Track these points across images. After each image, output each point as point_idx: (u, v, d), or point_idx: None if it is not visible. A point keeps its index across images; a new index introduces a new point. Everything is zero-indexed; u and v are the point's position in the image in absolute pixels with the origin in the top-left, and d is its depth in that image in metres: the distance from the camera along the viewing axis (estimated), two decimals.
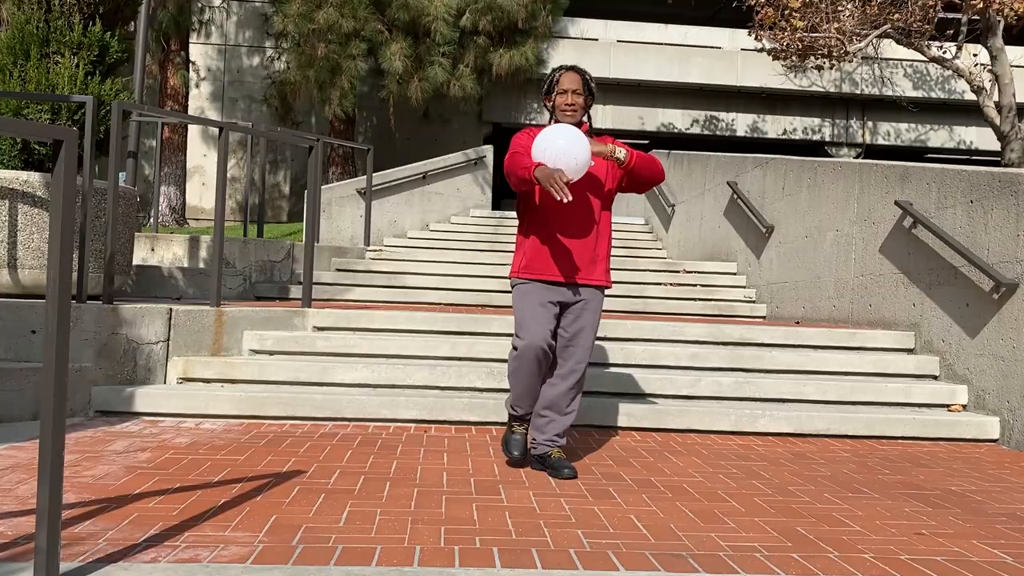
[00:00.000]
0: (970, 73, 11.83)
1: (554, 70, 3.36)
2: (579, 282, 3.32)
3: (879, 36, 12.32)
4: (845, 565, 2.29)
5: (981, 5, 11.25)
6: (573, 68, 3.34)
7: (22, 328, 4.28)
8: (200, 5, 15.57)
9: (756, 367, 5.05)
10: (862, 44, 12.30)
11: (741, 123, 18.17)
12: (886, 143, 18.31)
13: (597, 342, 5.14)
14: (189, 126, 16.05)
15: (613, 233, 11.50)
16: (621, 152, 3.18)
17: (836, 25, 12.27)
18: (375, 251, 8.73)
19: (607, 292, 7.95)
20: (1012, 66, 12.26)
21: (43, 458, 1.87)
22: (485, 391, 4.66)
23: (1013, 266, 4.40)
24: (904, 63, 17.62)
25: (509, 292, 7.59)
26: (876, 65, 17.59)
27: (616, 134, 18.70)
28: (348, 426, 4.20)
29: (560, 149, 3.00)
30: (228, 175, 14.04)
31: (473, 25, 13.87)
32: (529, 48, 14.37)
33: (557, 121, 3.33)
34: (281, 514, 2.58)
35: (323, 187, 10.59)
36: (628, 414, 4.36)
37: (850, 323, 6.13)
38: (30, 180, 4.68)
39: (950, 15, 15.01)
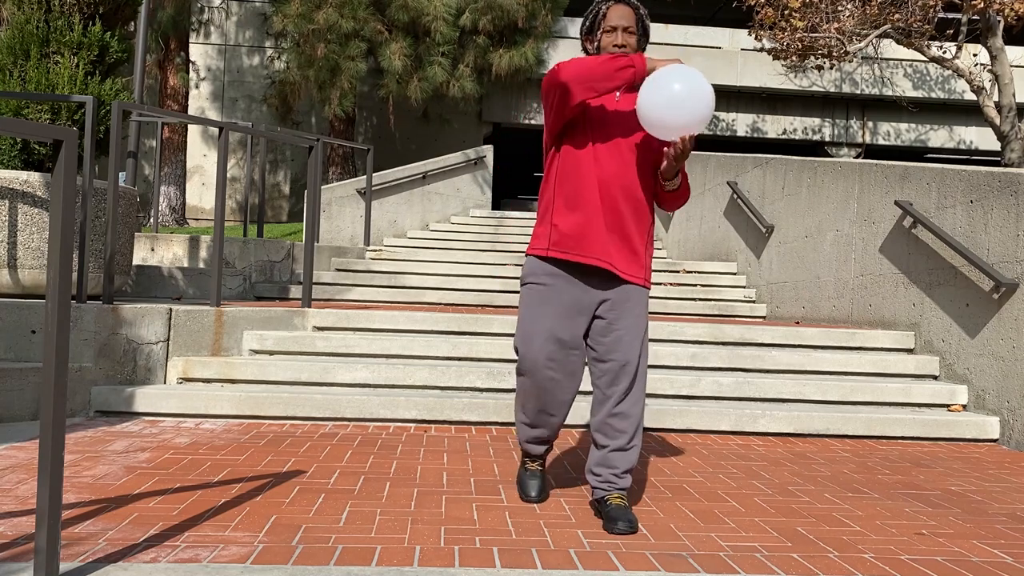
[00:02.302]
0: (970, 73, 11.83)
1: (597, 2, 2.67)
2: (621, 276, 2.60)
3: (879, 36, 12.32)
4: (845, 565, 2.29)
5: (981, 5, 11.25)
6: (623, 0, 2.62)
7: (22, 328, 4.28)
8: (200, 5, 15.57)
9: (756, 367, 5.05)
10: (862, 44, 12.30)
11: (741, 123, 18.18)
12: (886, 143, 18.32)
13: None
14: (189, 126, 16.05)
15: None
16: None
17: (836, 25, 12.26)
18: (375, 251, 8.73)
19: None
20: (1012, 66, 12.26)
21: (43, 458, 1.87)
22: (485, 391, 4.66)
23: (1013, 266, 4.40)
24: (904, 63, 17.63)
25: (509, 292, 7.56)
26: (876, 65, 17.60)
27: None
28: (348, 426, 4.20)
29: (678, 98, 2.34)
30: (228, 175, 14.03)
31: (473, 25, 13.87)
32: (529, 48, 14.37)
33: None
34: (281, 514, 2.58)
35: (323, 187, 10.59)
36: None
37: (850, 323, 6.13)
38: (30, 180, 4.68)
39: (950, 15, 15.02)
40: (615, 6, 2.62)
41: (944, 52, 12.97)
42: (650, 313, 7.64)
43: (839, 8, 12.47)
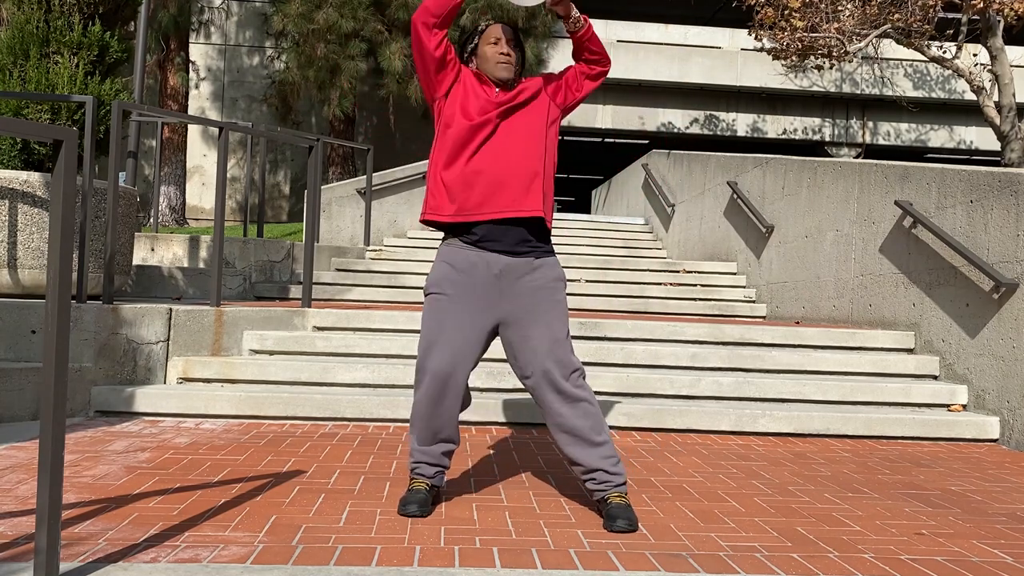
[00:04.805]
0: (970, 73, 11.83)
1: (475, 28, 2.84)
2: (499, 217, 2.61)
3: (879, 36, 12.33)
4: (845, 565, 2.29)
5: (981, 5, 11.26)
6: (499, 20, 2.93)
7: (22, 328, 4.28)
8: (200, 5, 15.58)
9: (756, 367, 5.05)
10: (862, 44, 12.30)
11: (741, 123, 18.18)
12: (886, 143, 18.32)
13: (597, 343, 5.14)
14: (189, 126, 16.06)
15: (613, 232, 11.49)
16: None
17: (836, 25, 12.27)
18: (375, 251, 8.73)
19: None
20: (1012, 66, 12.27)
21: (43, 458, 1.87)
22: (485, 391, 4.66)
23: (1013, 266, 4.40)
24: (904, 63, 17.63)
25: None
26: (876, 65, 17.59)
27: (616, 134, 18.72)
28: (348, 426, 4.20)
29: None
30: (228, 175, 14.04)
31: (473, 24, 13.86)
32: (529, 47, 14.37)
33: (479, 72, 2.75)
34: (281, 514, 2.58)
35: (323, 187, 10.59)
36: (628, 414, 4.36)
37: (850, 323, 6.13)
38: (30, 180, 4.68)
39: (950, 15, 15.03)
40: (496, 24, 2.76)
41: (944, 52, 12.97)
42: (650, 313, 7.64)
43: (839, 8, 12.47)
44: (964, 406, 4.76)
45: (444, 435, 2.69)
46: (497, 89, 2.74)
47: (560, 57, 17.00)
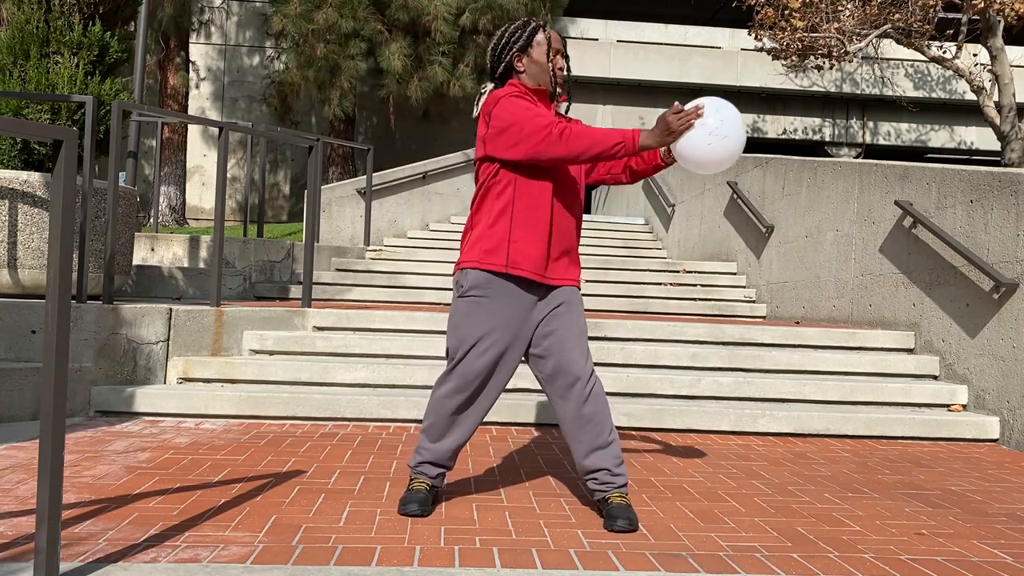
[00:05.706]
0: (970, 73, 11.83)
1: (524, 22, 2.74)
2: (559, 284, 2.69)
3: (879, 36, 12.33)
4: (845, 565, 2.29)
5: (981, 5, 11.26)
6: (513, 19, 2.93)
7: (22, 328, 4.28)
8: (200, 5, 15.58)
9: (756, 367, 5.05)
10: (862, 44, 12.30)
11: None
12: (886, 143, 18.32)
13: (597, 343, 5.14)
14: (189, 126, 16.06)
15: (613, 232, 11.50)
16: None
17: (836, 25, 12.27)
18: (375, 251, 8.73)
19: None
20: (1012, 66, 12.27)
21: (43, 458, 1.87)
22: None
23: (1013, 266, 4.40)
24: (904, 63, 17.62)
25: None
26: (876, 65, 17.59)
27: None
28: (348, 426, 4.20)
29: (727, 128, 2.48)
30: (228, 175, 14.04)
31: (473, 24, 13.86)
32: None
33: (534, 86, 2.70)
34: (281, 514, 2.58)
35: (323, 187, 10.59)
36: (628, 414, 4.36)
37: (850, 323, 6.13)
38: (30, 180, 4.68)
39: (950, 15, 15.04)
40: (553, 31, 2.75)
41: (944, 52, 12.98)
42: (651, 313, 7.64)
43: (839, 8, 12.47)
44: (964, 406, 4.76)
45: (458, 433, 2.70)
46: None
47: None
